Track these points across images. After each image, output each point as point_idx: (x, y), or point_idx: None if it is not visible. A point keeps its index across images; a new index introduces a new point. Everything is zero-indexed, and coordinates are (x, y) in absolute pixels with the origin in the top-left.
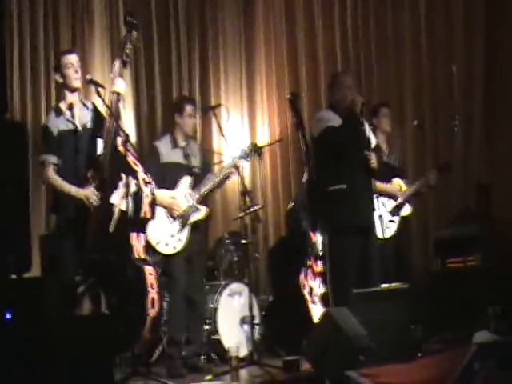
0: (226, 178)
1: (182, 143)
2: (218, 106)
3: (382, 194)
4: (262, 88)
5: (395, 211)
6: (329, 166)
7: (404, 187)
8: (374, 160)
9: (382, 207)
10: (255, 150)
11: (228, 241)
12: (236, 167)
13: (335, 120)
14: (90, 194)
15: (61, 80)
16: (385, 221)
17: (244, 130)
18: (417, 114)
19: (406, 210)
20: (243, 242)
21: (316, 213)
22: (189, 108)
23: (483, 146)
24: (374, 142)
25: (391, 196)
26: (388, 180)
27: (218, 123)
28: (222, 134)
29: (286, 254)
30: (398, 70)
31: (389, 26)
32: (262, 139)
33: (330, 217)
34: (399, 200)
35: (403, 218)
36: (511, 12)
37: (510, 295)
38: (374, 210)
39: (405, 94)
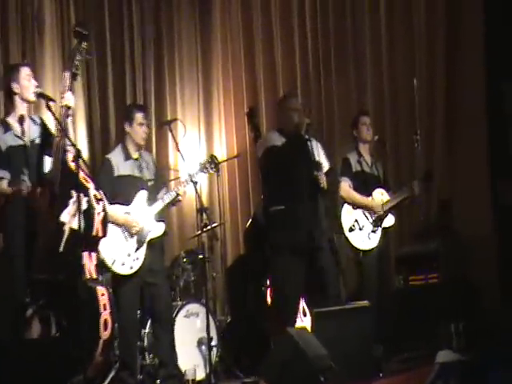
0: (178, 195)
1: (134, 154)
2: (174, 120)
3: (359, 207)
4: (219, 102)
5: (377, 222)
6: (271, 186)
7: (386, 198)
8: (323, 181)
9: (364, 218)
10: (213, 162)
11: (184, 260)
12: (193, 181)
13: (280, 142)
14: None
15: (18, 90)
16: (367, 232)
17: (201, 145)
18: (378, 128)
19: (389, 222)
20: (200, 256)
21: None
22: (139, 116)
23: (445, 161)
24: (326, 165)
25: (369, 210)
26: (370, 191)
27: (174, 138)
28: (179, 150)
29: (244, 273)
30: (359, 83)
31: (349, 37)
32: (220, 155)
33: (270, 238)
34: (381, 211)
35: (385, 230)
36: (471, 24)
37: (471, 311)
38: (322, 230)
39: (366, 106)
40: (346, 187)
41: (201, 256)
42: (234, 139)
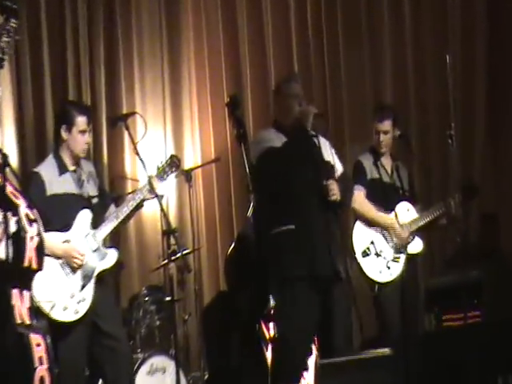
0: (138, 206)
1: (71, 166)
2: (132, 114)
3: (376, 225)
4: (190, 91)
5: (400, 248)
6: (272, 201)
7: (413, 215)
8: (336, 191)
9: (383, 241)
10: (174, 164)
11: (146, 299)
12: (152, 190)
13: (279, 140)
14: None
15: None
16: (385, 259)
17: (168, 146)
18: (400, 121)
19: (416, 246)
20: (167, 299)
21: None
22: (81, 120)
23: (488, 165)
24: (340, 168)
25: (389, 230)
26: (391, 206)
27: (132, 139)
28: (137, 154)
29: (226, 315)
30: (374, 63)
31: (361, 4)
32: (193, 159)
33: (277, 266)
34: (406, 233)
35: (411, 256)
36: None
37: None
38: (335, 254)
39: (383, 93)
40: (360, 198)
41: (168, 298)
42: (211, 139)
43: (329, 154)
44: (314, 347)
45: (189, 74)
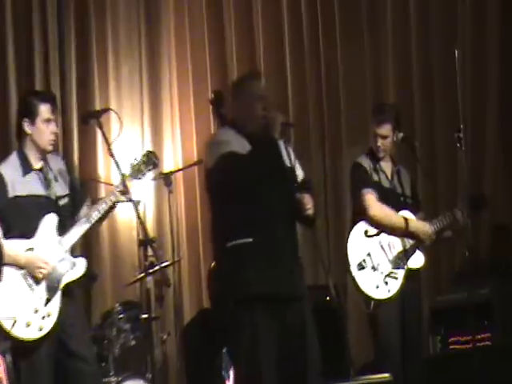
0: (111, 209)
1: (36, 164)
2: (105, 111)
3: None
4: (171, 86)
5: (400, 261)
6: (229, 211)
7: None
8: (310, 205)
9: (381, 253)
10: (150, 162)
11: (121, 316)
12: (125, 192)
13: (239, 143)
14: None
15: None
16: (382, 274)
17: (145, 147)
18: (403, 122)
19: (417, 261)
20: (144, 316)
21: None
22: (44, 109)
23: (500, 171)
24: (300, 174)
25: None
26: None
27: (106, 138)
28: (111, 155)
29: (208, 334)
30: (376, 55)
31: None
32: (173, 161)
33: (230, 285)
34: (408, 244)
35: (411, 272)
36: None
37: None
38: (300, 275)
39: (385, 92)
40: (375, 202)
41: (144, 316)
42: (194, 139)
43: (293, 161)
44: None
45: (169, 67)
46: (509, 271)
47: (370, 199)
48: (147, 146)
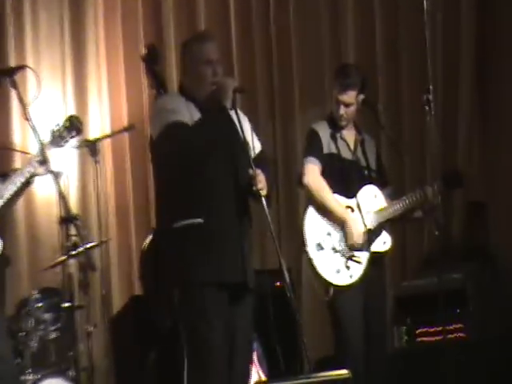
0: (28, 182)
1: None
2: (21, 68)
3: (325, 211)
4: (97, 40)
5: (364, 244)
6: (176, 188)
7: (381, 203)
8: (262, 182)
9: (340, 233)
10: (73, 128)
11: (39, 304)
12: (44, 162)
13: (187, 111)
14: None
15: None
16: (343, 256)
17: (68, 110)
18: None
19: (383, 243)
20: (66, 305)
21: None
22: None
23: (477, 140)
24: (258, 146)
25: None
26: (352, 190)
27: (21, 99)
28: (28, 119)
29: (140, 326)
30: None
31: None
32: (100, 127)
33: (177, 269)
34: (372, 224)
35: (376, 256)
36: None
37: None
38: (248, 259)
39: (344, 51)
40: (314, 172)
41: (66, 305)
42: (124, 101)
43: (247, 131)
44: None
45: (95, 17)
46: (485, 254)
47: (310, 168)
48: (70, 108)
